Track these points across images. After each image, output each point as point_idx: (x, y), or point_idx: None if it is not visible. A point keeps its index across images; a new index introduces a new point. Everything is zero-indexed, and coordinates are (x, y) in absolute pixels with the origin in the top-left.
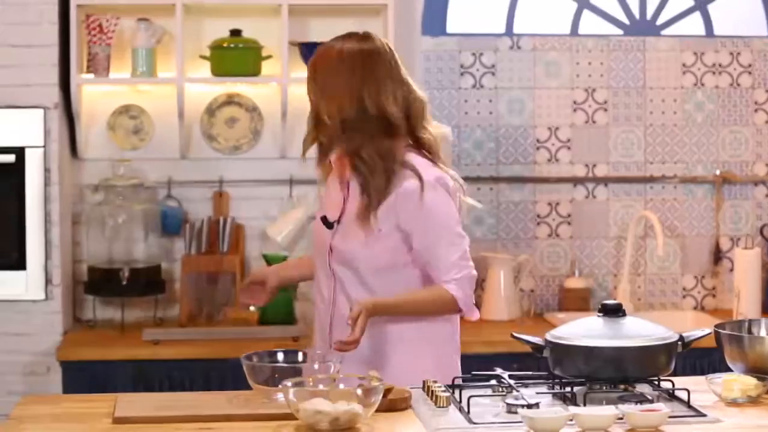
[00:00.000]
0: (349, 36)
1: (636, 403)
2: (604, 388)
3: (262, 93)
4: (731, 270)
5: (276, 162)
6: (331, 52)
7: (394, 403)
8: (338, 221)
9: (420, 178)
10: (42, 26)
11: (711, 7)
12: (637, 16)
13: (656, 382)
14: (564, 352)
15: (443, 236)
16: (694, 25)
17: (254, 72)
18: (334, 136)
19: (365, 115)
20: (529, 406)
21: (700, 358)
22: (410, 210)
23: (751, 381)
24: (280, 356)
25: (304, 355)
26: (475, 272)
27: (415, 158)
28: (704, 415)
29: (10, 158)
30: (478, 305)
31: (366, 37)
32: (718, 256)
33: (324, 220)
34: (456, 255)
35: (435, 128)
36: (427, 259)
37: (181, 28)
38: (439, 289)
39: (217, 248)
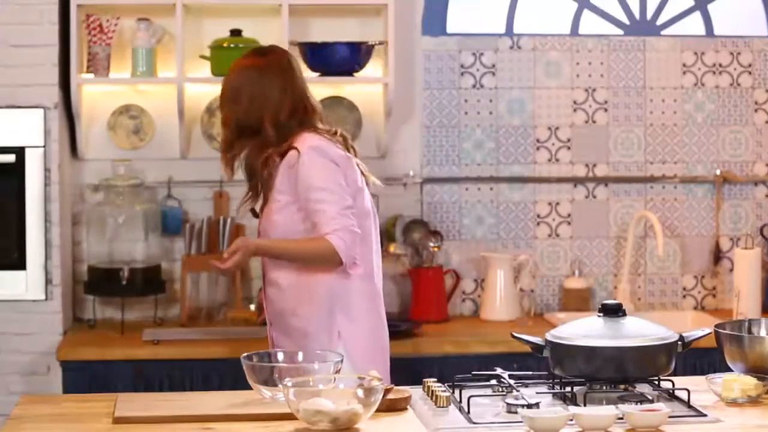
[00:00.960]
0: (252, 51)
1: (636, 403)
2: (605, 388)
3: None
4: (731, 270)
5: None
6: (231, 68)
7: (394, 403)
8: (261, 209)
9: (297, 151)
10: (42, 26)
11: (711, 7)
12: (637, 16)
13: (656, 382)
14: (564, 352)
15: (319, 194)
16: (694, 25)
17: None
18: (231, 140)
19: (253, 121)
20: (529, 406)
21: (700, 358)
22: (292, 178)
23: (751, 381)
24: (280, 356)
25: (304, 355)
26: (357, 229)
27: (307, 138)
28: (704, 415)
29: (11, 158)
30: (477, 305)
31: (265, 51)
32: (718, 256)
33: (253, 211)
34: (334, 210)
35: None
36: (312, 220)
37: (181, 28)
38: (320, 240)
39: (217, 248)
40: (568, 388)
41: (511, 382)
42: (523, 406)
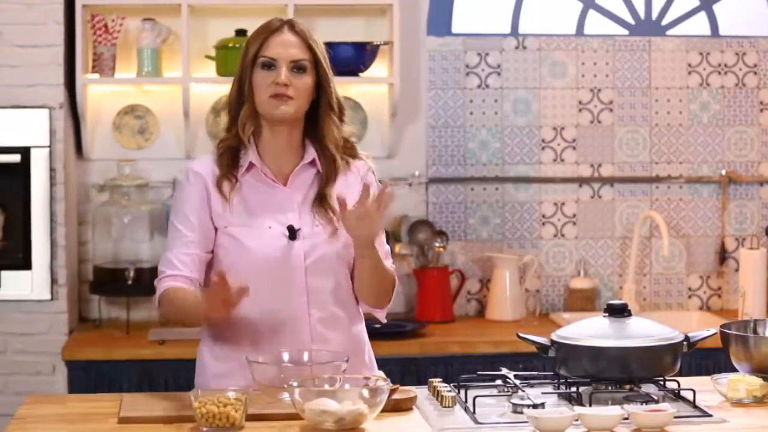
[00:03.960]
0: None
1: (641, 403)
2: (610, 388)
3: None
4: (737, 270)
5: None
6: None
7: (399, 403)
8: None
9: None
10: (47, 26)
11: (716, 7)
12: (643, 16)
13: (662, 383)
14: (569, 352)
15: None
16: (699, 25)
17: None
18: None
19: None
20: (535, 406)
21: (705, 359)
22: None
23: (756, 381)
24: (286, 356)
25: (309, 354)
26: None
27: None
28: (710, 416)
29: (16, 158)
30: (483, 305)
31: None
32: (723, 256)
33: (291, 230)
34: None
35: None
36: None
37: (187, 28)
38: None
39: None
40: (574, 388)
41: (517, 382)
42: (528, 406)
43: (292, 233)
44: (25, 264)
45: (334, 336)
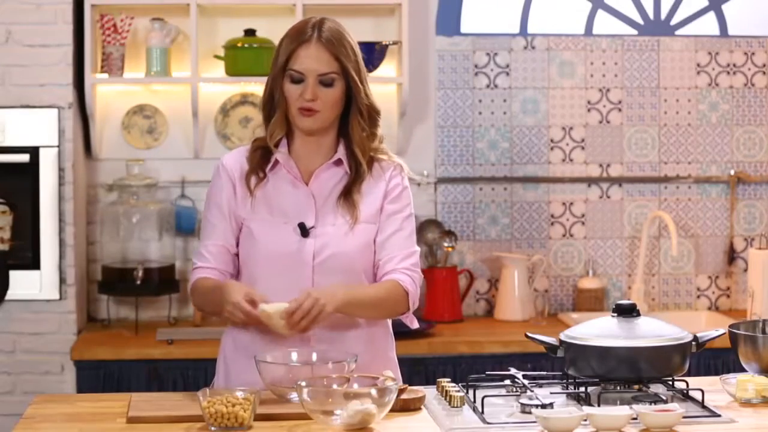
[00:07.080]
0: None
1: (650, 403)
2: (618, 388)
3: None
4: (745, 270)
5: None
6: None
7: (407, 403)
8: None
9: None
10: (57, 26)
11: (725, 7)
12: (652, 16)
13: (670, 383)
14: (578, 352)
15: (411, 219)
16: (708, 25)
17: (268, 72)
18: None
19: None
20: (543, 406)
21: (714, 359)
22: (382, 194)
23: (765, 381)
24: (294, 356)
25: (317, 354)
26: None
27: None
28: (718, 416)
29: (25, 158)
30: (491, 305)
31: None
32: (732, 256)
33: (302, 227)
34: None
35: None
36: (386, 248)
37: (196, 28)
38: (390, 282)
39: None
40: (582, 388)
41: (525, 382)
42: (537, 406)
43: (304, 231)
44: (34, 264)
45: (343, 336)
